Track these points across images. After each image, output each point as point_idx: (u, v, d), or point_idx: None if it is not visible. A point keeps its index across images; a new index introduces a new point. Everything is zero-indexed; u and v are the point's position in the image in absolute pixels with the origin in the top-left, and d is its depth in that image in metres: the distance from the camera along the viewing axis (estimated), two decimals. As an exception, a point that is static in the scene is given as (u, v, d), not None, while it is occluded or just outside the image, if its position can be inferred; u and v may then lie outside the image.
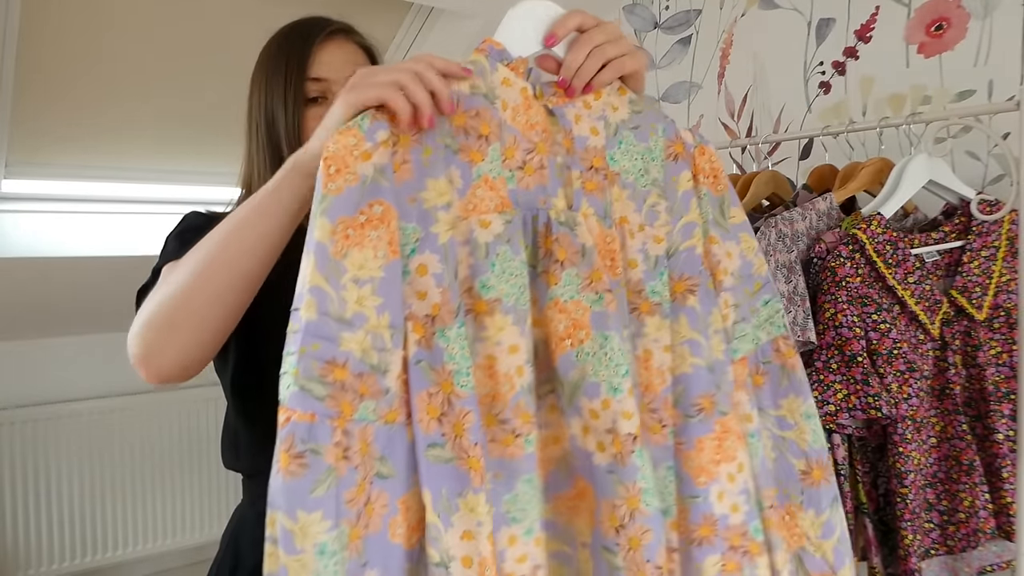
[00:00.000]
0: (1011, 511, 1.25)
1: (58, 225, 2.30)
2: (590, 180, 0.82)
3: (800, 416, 0.86)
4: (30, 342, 2.59)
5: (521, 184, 0.78)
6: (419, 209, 0.73)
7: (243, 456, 1.00)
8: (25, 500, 2.53)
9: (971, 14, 1.51)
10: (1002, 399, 1.28)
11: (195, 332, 0.78)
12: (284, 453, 0.64)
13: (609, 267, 0.80)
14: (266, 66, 0.99)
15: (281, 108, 0.96)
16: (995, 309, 1.29)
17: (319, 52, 0.97)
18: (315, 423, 0.65)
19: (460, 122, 0.76)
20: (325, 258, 0.67)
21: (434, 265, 0.73)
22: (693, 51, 2.04)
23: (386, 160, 0.71)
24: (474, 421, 0.71)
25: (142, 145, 2.31)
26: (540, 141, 0.80)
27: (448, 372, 0.71)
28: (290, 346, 0.67)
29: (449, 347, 0.72)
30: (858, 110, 1.70)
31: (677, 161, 0.87)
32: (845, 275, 1.23)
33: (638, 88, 0.86)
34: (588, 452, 0.76)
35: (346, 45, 1.00)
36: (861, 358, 1.21)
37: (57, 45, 1.97)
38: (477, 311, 0.74)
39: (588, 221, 0.80)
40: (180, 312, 0.78)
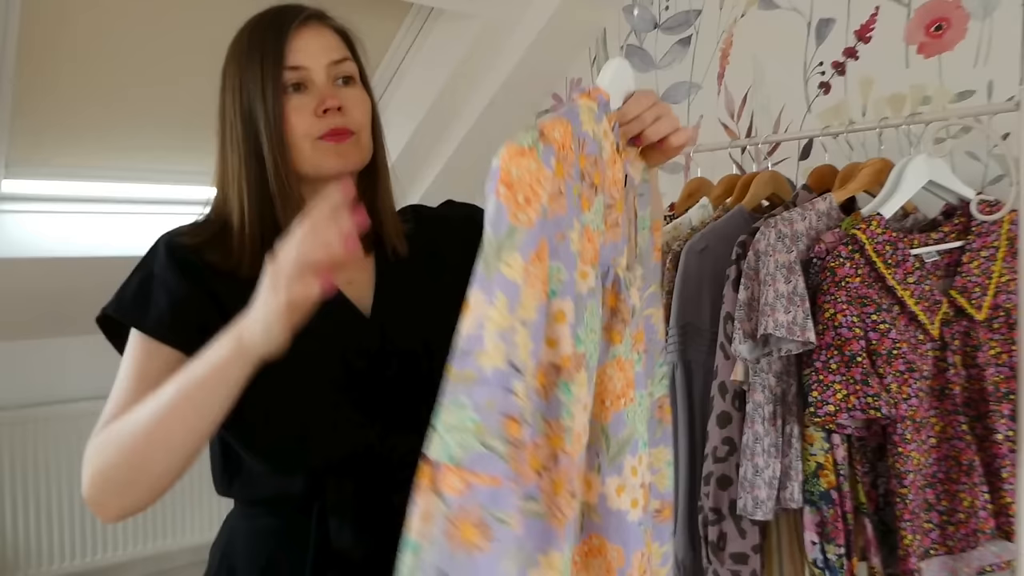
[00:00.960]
0: (1010, 511, 1.25)
1: (58, 225, 2.30)
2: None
3: (664, 463, 0.91)
4: (30, 342, 2.59)
5: (604, 239, 0.76)
6: (566, 249, 0.68)
7: (243, 484, 0.96)
8: (25, 500, 2.53)
9: (971, 14, 1.51)
10: (1002, 399, 1.28)
11: (148, 489, 0.83)
12: (465, 523, 0.57)
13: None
14: (239, 59, 0.96)
15: (259, 100, 0.92)
16: (995, 309, 1.29)
17: (294, 40, 0.94)
18: (500, 488, 0.59)
19: (583, 165, 0.71)
20: (516, 299, 0.61)
21: (570, 313, 0.67)
22: (693, 51, 2.04)
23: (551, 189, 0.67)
24: (574, 481, 0.66)
25: (142, 145, 2.30)
26: (620, 198, 0.79)
27: (562, 428, 0.66)
28: (462, 396, 0.60)
29: (570, 403, 0.66)
30: (858, 110, 1.70)
31: (654, 235, 0.90)
32: (845, 275, 1.23)
33: (671, 157, 0.89)
34: (621, 511, 0.74)
35: (322, 30, 0.97)
36: (861, 358, 1.21)
37: (57, 45, 1.97)
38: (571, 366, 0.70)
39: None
40: (132, 475, 0.82)
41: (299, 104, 0.93)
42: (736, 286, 1.33)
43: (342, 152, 0.94)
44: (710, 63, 2.00)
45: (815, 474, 1.25)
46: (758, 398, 1.28)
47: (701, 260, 1.44)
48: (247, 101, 0.93)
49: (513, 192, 0.64)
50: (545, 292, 0.65)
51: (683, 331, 1.45)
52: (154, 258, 0.93)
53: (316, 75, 0.94)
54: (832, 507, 1.24)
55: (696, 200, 1.64)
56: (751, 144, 1.63)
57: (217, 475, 0.98)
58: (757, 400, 1.28)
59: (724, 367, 1.35)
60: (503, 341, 0.61)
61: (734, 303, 1.32)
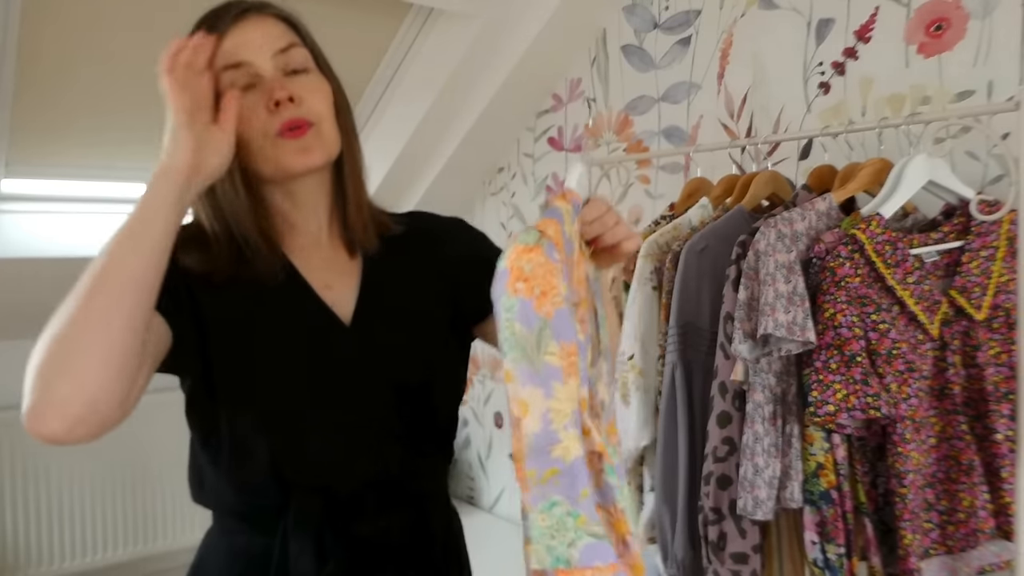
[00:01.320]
0: (1010, 511, 1.26)
1: (58, 225, 2.30)
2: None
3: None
4: (30, 342, 2.59)
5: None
6: (580, 337, 0.71)
7: (210, 493, 0.94)
8: (25, 500, 2.53)
9: (971, 14, 1.52)
10: (1001, 399, 1.28)
11: (97, 365, 0.70)
12: None
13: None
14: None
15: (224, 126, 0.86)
16: (994, 309, 1.29)
17: (233, 36, 0.88)
18: (616, 574, 0.59)
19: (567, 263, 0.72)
20: (565, 383, 0.63)
21: (585, 399, 0.68)
22: (693, 51, 2.04)
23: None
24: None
25: (142, 145, 2.30)
26: (584, 296, 0.77)
27: (620, 511, 0.65)
28: (553, 495, 0.60)
29: (621, 486, 0.67)
30: (858, 110, 1.70)
31: (609, 332, 0.91)
32: (844, 275, 1.23)
33: (619, 263, 0.86)
34: None
35: (262, 20, 0.90)
36: (860, 358, 1.21)
37: (57, 45, 1.97)
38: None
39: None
40: (75, 338, 0.71)
41: (250, 103, 0.86)
42: (736, 286, 1.33)
43: (304, 147, 0.87)
44: (710, 63, 2.00)
45: (815, 474, 1.25)
46: (758, 398, 1.28)
47: (701, 260, 1.44)
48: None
49: (531, 285, 0.65)
50: (577, 379, 0.65)
51: (683, 331, 1.45)
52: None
53: (262, 69, 0.87)
54: (832, 507, 1.24)
55: (696, 200, 1.64)
56: (751, 144, 1.63)
57: (191, 481, 0.97)
58: (757, 400, 1.28)
59: (724, 367, 1.35)
60: (574, 428, 0.61)
61: (734, 303, 1.32)
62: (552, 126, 2.46)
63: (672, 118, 2.11)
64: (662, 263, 1.54)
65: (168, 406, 2.76)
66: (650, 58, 2.15)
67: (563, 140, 2.43)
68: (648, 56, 2.15)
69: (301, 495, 0.88)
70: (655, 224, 1.69)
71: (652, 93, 2.15)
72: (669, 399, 1.46)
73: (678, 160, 2.09)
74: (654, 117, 2.15)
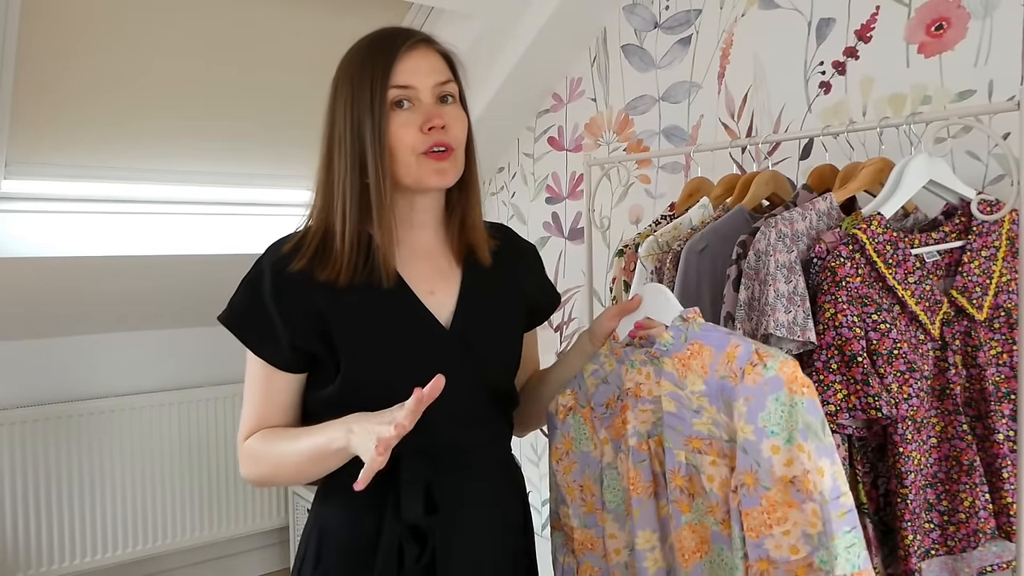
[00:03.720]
0: (1011, 511, 1.25)
1: (58, 225, 2.30)
2: None
3: None
4: (30, 342, 2.59)
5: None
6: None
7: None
8: (25, 500, 2.53)
9: (971, 14, 1.51)
10: (1002, 399, 1.28)
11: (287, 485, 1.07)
12: None
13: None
14: (351, 76, 1.05)
15: (368, 114, 1.01)
16: (995, 309, 1.29)
17: (403, 61, 1.03)
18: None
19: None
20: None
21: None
22: (693, 51, 2.04)
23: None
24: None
25: (142, 145, 2.30)
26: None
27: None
28: (844, 526, 0.89)
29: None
30: (858, 110, 1.70)
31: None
32: (845, 275, 1.23)
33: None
34: None
35: (428, 53, 1.07)
36: (861, 358, 1.21)
37: (57, 45, 1.97)
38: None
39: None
40: (277, 482, 1.12)
41: (406, 120, 1.02)
42: (736, 286, 1.33)
43: (442, 169, 1.04)
44: (710, 63, 2.00)
45: (815, 474, 1.25)
46: (758, 398, 1.28)
47: (701, 260, 1.44)
48: (357, 115, 1.02)
49: (812, 390, 0.93)
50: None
51: (683, 331, 1.44)
52: (261, 281, 1.05)
53: (423, 94, 1.04)
54: (833, 507, 1.24)
55: (696, 200, 1.64)
56: (751, 144, 1.63)
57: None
58: (757, 400, 1.28)
59: (724, 367, 1.35)
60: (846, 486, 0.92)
61: (734, 303, 1.32)
62: (552, 126, 2.46)
63: (672, 118, 2.11)
64: (662, 263, 1.53)
65: (169, 406, 2.77)
66: (650, 58, 2.15)
67: (563, 140, 2.43)
68: (648, 56, 2.15)
69: (408, 459, 1.04)
70: (655, 224, 1.69)
71: (652, 93, 2.15)
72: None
73: (678, 160, 2.09)
74: (654, 117, 2.15)
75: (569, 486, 1.18)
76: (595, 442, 1.13)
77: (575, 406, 1.16)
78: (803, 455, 0.88)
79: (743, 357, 0.95)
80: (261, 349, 1.06)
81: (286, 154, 2.46)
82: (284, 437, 1.05)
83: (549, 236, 2.50)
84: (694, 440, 1.00)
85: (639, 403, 1.06)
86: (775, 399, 0.90)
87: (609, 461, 1.11)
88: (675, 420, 1.01)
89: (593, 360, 1.16)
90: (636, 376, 1.06)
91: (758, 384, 0.91)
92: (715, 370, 0.97)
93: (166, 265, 2.39)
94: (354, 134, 1.02)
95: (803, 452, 0.88)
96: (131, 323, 2.69)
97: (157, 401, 2.77)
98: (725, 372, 0.96)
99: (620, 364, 1.09)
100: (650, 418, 1.05)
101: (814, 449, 0.89)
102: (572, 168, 2.41)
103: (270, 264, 1.05)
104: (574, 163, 2.40)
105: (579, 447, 1.16)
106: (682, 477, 0.99)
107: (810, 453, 0.89)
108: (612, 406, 1.11)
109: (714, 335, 1.00)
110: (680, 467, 1.00)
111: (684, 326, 1.02)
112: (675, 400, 1.01)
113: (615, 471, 1.10)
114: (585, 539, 1.14)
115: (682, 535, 0.99)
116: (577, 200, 2.39)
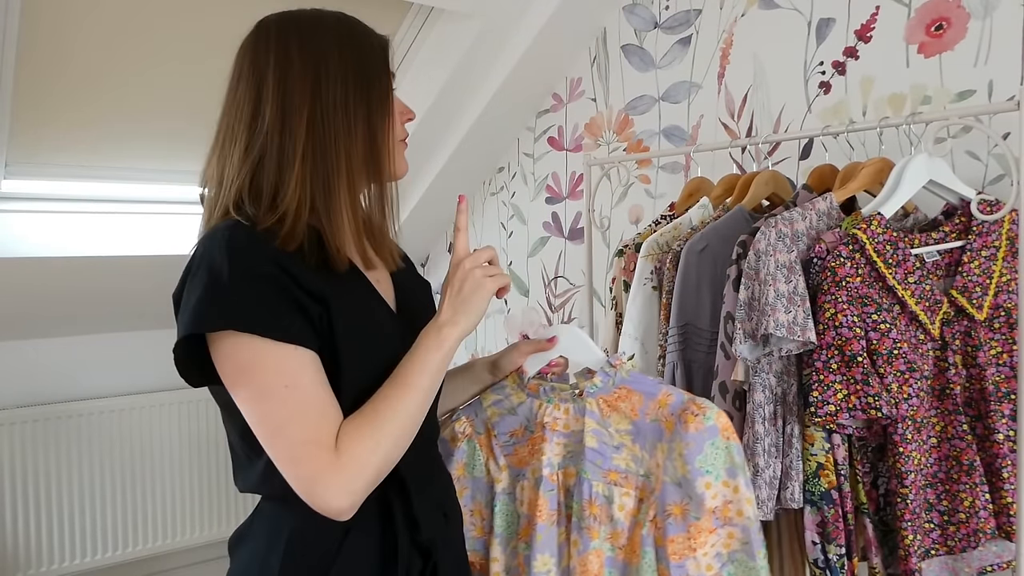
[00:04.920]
0: (1011, 511, 1.25)
1: (58, 225, 2.29)
2: None
3: None
4: (30, 342, 2.59)
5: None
6: None
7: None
8: (25, 500, 2.53)
9: (971, 14, 1.51)
10: (1002, 399, 1.28)
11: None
12: None
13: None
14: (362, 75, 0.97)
15: (378, 111, 0.98)
16: (995, 309, 1.29)
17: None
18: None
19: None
20: None
21: None
22: (693, 51, 2.04)
23: None
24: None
25: (142, 145, 2.30)
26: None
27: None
28: (763, 541, 1.07)
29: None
30: (858, 110, 1.70)
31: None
32: (845, 275, 1.23)
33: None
34: None
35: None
36: (861, 358, 1.21)
37: (57, 45, 1.96)
38: None
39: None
40: (392, 461, 0.92)
41: (398, 108, 1.04)
42: (736, 286, 1.33)
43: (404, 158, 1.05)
44: (710, 63, 2.00)
45: (816, 474, 1.25)
46: (758, 398, 1.28)
47: (701, 260, 1.44)
48: (370, 109, 0.97)
49: (736, 435, 1.09)
50: None
51: (683, 331, 1.45)
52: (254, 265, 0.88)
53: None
54: (833, 507, 1.24)
55: (696, 200, 1.64)
56: (751, 144, 1.63)
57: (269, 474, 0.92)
58: (757, 400, 1.28)
59: (724, 367, 1.35)
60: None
61: (734, 303, 1.32)
62: (552, 126, 2.46)
63: (672, 118, 2.11)
64: (662, 263, 1.53)
65: (169, 406, 2.77)
66: (650, 58, 2.15)
67: (563, 140, 2.43)
68: (648, 56, 2.15)
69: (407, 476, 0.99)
70: (655, 224, 1.69)
71: (652, 93, 2.15)
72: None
73: (678, 160, 2.09)
74: (654, 117, 2.15)
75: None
76: (489, 468, 1.20)
77: (472, 433, 1.21)
78: (729, 490, 1.05)
79: (676, 404, 1.08)
80: (295, 334, 0.87)
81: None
82: (377, 407, 0.90)
83: (549, 236, 2.50)
84: (612, 473, 1.10)
85: (555, 436, 1.14)
86: (711, 444, 1.05)
87: (504, 487, 1.17)
88: (595, 455, 1.11)
89: (496, 391, 1.21)
90: (554, 412, 1.14)
91: (699, 431, 1.05)
92: (645, 413, 1.10)
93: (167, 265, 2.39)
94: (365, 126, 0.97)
95: (731, 487, 1.05)
96: (132, 323, 2.68)
97: (158, 401, 2.76)
98: (656, 416, 1.09)
99: (533, 399, 1.17)
100: (562, 451, 1.14)
101: (743, 483, 1.05)
102: (572, 168, 2.41)
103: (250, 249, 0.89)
104: (574, 163, 2.40)
105: (472, 472, 1.21)
106: (597, 506, 1.09)
107: (739, 487, 1.05)
108: (518, 435, 1.18)
109: (644, 383, 1.12)
110: (597, 497, 1.10)
111: (612, 371, 1.13)
112: (597, 437, 1.11)
113: (509, 497, 1.17)
114: (474, 560, 1.19)
115: (588, 559, 1.08)
116: (577, 200, 2.39)
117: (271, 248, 0.89)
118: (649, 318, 1.55)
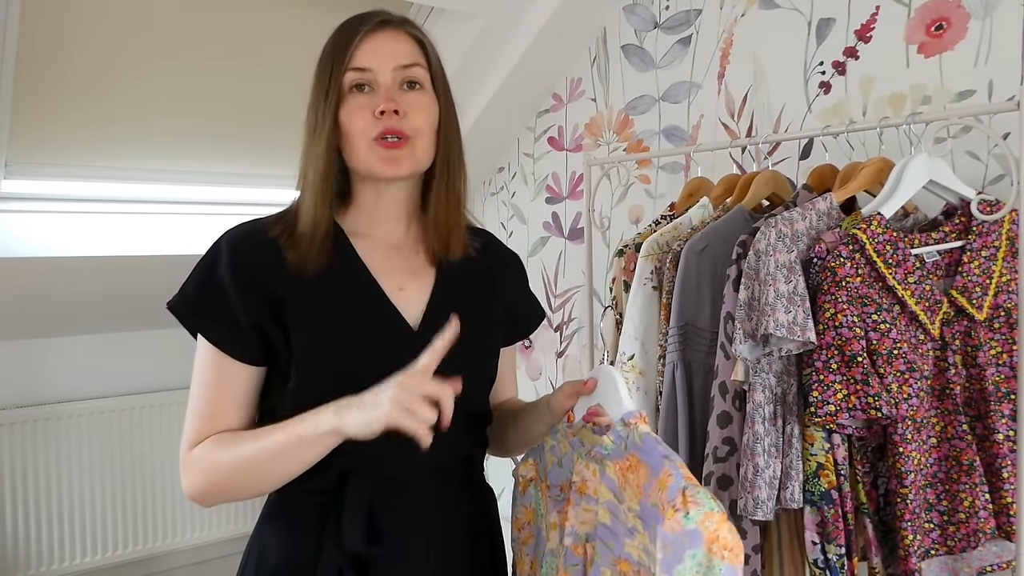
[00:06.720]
0: (1011, 511, 1.25)
1: (58, 225, 2.30)
2: None
3: None
4: (30, 342, 2.59)
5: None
6: None
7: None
8: (25, 500, 2.53)
9: (971, 14, 1.51)
10: (1002, 399, 1.28)
11: (245, 499, 0.98)
12: None
13: None
14: (320, 59, 1.00)
15: (323, 98, 0.96)
16: (995, 309, 1.29)
17: (365, 42, 0.97)
18: None
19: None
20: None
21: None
22: (693, 51, 2.04)
23: None
24: None
25: (143, 145, 2.30)
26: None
27: None
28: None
29: None
30: (858, 110, 1.70)
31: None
32: (845, 275, 1.23)
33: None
34: None
35: (397, 35, 0.99)
36: (861, 358, 1.21)
37: (57, 45, 1.97)
38: None
39: None
40: (234, 494, 0.97)
41: (360, 104, 0.96)
42: (736, 286, 1.33)
43: (393, 158, 0.96)
44: (710, 63, 2.00)
45: (815, 474, 1.25)
46: (758, 398, 1.28)
47: (701, 260, 1.44)
48: (316, 99, 0.97)
49: (735, 554, 0.79)
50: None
51: (683, 331, 1.45)
52: (217, 262, 0.97)
53: (381, 77, 0.97)
54: (833, 507, 1.24)
55: (696, 200, 1.64)
56: (751, 144, 1.63)
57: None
58: (757, 400, 1.28)
59: (724, 367, 1.35)
60: None
61: (734, 303, 1.32)
62: (552, 126, 2.46)
63: (672, 118, 2.11)
64: (662, 263, 1.53)
65: (169, 406, 2.77)
66: (650, 58, 2.15)
67: (563, 140, 2.43)
68: (648, 56, 2.15)
69: (356, 479, 0.96)
70: (655, 224, 1.69)
71: (652, 93, 2.15)
72: (669, 399, 1.46)
73: (678, 160, 2.09)
74: (654, 117, 2.15)
75: (522, 559, 1.10)
76: (546, 523, 1.04)
77: (535, 478, 1.08)
78: None
79: (672, 490, 0.83)
80: (216, 334, 0.95)
81: (288, 154, 2.45)
82: (244, 437, 0.94)
83: (549, 236, 2.50)
84: (623, 562, 0.89)
85: (583, 500, 0.96)
86: (692, 556, 0.80)
87: (552, 547, 1.01)
88: (608, 534, 0.92)
89: (552, 435, 1.06)
90: (584, 470, 0.96)
91: (677, 534, 0.81)
92: (648, 494, 0.87)
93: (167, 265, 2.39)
94: (313, 120, 0.98)
95: None
96: (132, 323, 2.68)
97: (158, 401, 2.76)
98: (655, 500, 0.86)
99: (573, 450, 1.00)
100: (592, 519, 0.94)
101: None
102: (572, 168, 2.41)
103: (227, 244, 0.98)
104: (574, 163, 2.40)
105: (537, 522, 1.07)
106: None
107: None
108: (565, 491, 1.01)
109: (652, 454, 0.88)
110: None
111: (625, 431, 0.92)
112: (611, 512, 0.92)
113: (554, 559, 1.00)
114: None
115: None
116: (577, 200, 2.39)
117: (257, 240, 0.98)
118: (649, 318, 1.55)
